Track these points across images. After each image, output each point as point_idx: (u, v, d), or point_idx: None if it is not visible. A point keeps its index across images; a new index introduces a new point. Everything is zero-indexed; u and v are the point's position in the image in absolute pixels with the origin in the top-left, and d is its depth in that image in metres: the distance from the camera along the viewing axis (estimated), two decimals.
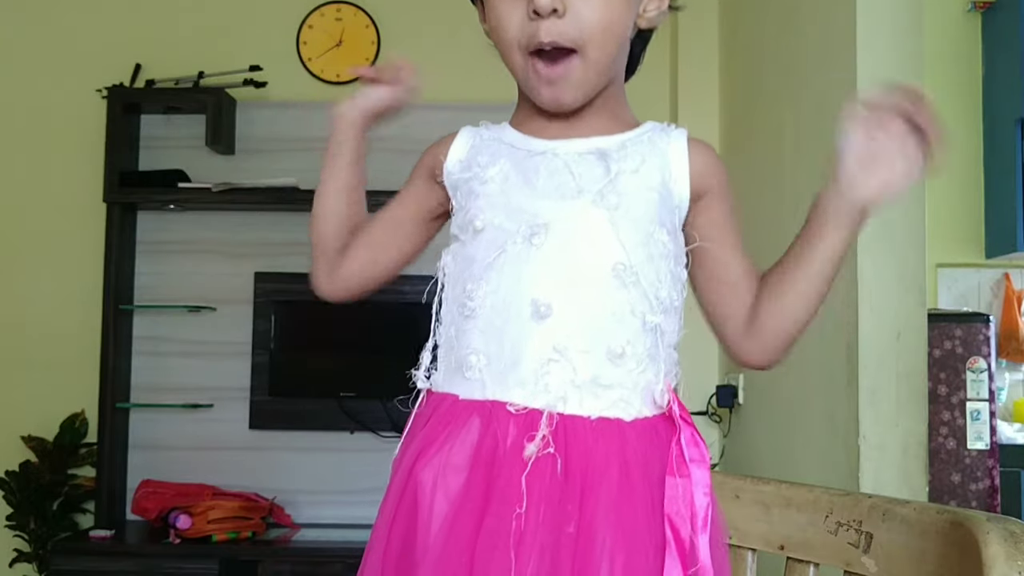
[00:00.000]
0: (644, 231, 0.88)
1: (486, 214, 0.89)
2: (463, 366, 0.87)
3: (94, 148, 3.30)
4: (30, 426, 3.25)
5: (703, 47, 3.29)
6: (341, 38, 3.44)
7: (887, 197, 0.88)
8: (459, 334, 0.89)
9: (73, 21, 3.45)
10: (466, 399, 0.86)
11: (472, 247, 0.90)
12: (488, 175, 0.91)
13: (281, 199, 3.21)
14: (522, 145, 0.92)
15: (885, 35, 1.96)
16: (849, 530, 0.99)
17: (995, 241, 3.47)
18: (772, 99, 2.65)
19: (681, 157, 0.91)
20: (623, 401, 0.85)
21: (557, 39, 0.86)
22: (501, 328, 0.86)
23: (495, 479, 0.81)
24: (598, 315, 0.86)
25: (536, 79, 0.89)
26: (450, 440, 0.84)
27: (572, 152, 0.90)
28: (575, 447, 0.82)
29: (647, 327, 0.87)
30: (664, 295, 0.88)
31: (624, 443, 0.84)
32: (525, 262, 0.86)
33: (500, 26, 0.89)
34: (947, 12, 3.55)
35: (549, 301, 0.85)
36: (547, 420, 0.82)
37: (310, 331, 3.37)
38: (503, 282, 0.87)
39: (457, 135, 0.98)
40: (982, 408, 2.53)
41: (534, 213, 0.87)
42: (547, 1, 0.84)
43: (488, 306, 0.87)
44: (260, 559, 2.94)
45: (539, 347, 0.85)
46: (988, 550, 0.80)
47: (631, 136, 0.92)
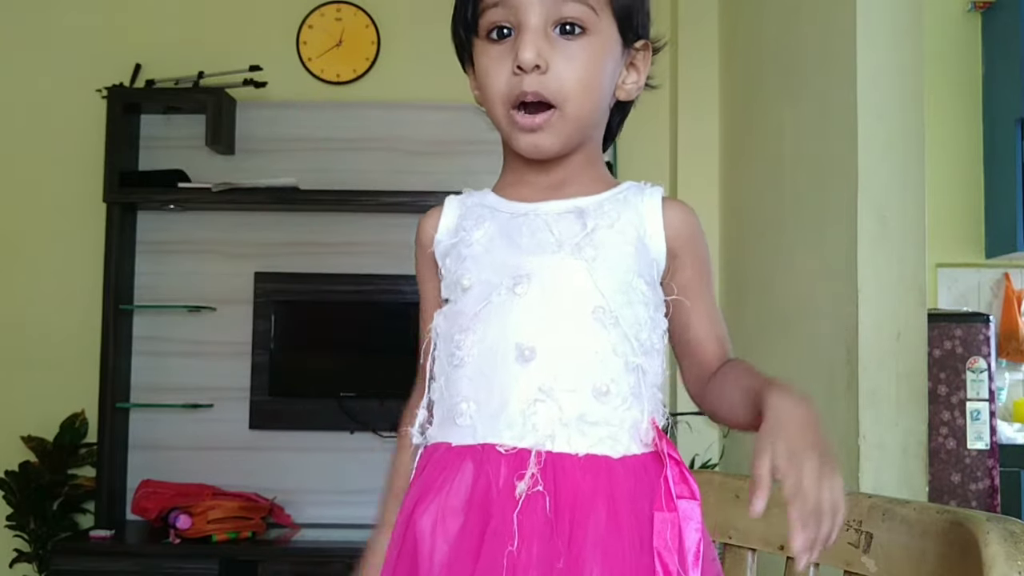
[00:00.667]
0: (622, 279, 0.92)
1: (472, 273, 0.94)
2: (454, 414, 0.91)
3: (94, 148, 3.30)
4: (30, 426, 3.25)
5: (703, 47, 3.29)
6: (341, 38, 3.44)
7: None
8: (449, 384, 0.93)
9: (73, 21, 3.45)
10: (458, 445, 0.90)
11: (460, 303, 0.94)
12: (474, 238, 0.96)
13: (281, 199, 3.21)
14: (505, 208, 0.97)
15: (885, 35, 1.96)
16: (849, 530, 0.99)
17: (995, 241, 3.47)
18: (772, 99, 2.65)
19: (655, 215, 0.95)
20: (610, 438, 0.88)
21: (539, 90, 0.91)
22: (489, 374, 0.90)
23: (489, 518, 0.84)
24: (581, 355, 0.89)
25: (517, 128, 0.93)
26: (446, 484, 0.88)
27: (552, 212, 0.95)
28: (564, 484, 0.85)
29: (629, 367, 0.90)
30: (644, 337, 0.92)
31: (611, 479, 0.86)
32: (509, 310, 0.91)
33: (487, 82, 0.94)
34: (947, 12, 3.55)
35: (533, 344, 0.89)
36: (535, 458, 0.85)
37: (310, 331, 3.38)
38: (489, 331, 0.91)
39: (444, 208, 1.02)
40: (982, 408, 2.53)
41: (517, 266, 0.92)
42: (530, 57, 0.90)
43: (476, 354, 0.91)
44: (260, 559, 2.94)
45: (525, 389, 0.88)
46: (988, 550, 0.80)
47: (608, 196, 0.97)
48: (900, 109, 1.96)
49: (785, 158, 2.50)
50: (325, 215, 3.35)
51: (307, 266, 3.34)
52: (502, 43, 0.93)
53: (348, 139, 3.38)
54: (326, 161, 3.35)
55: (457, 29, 0.99)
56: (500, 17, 0.93)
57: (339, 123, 3.39)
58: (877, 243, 1.92)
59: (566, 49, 0.92)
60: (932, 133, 2.23)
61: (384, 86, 3.44)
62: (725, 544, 1.17)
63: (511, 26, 0.93)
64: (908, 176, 1.94)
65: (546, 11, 0.91)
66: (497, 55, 0.94)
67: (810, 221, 2.27)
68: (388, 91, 3.43)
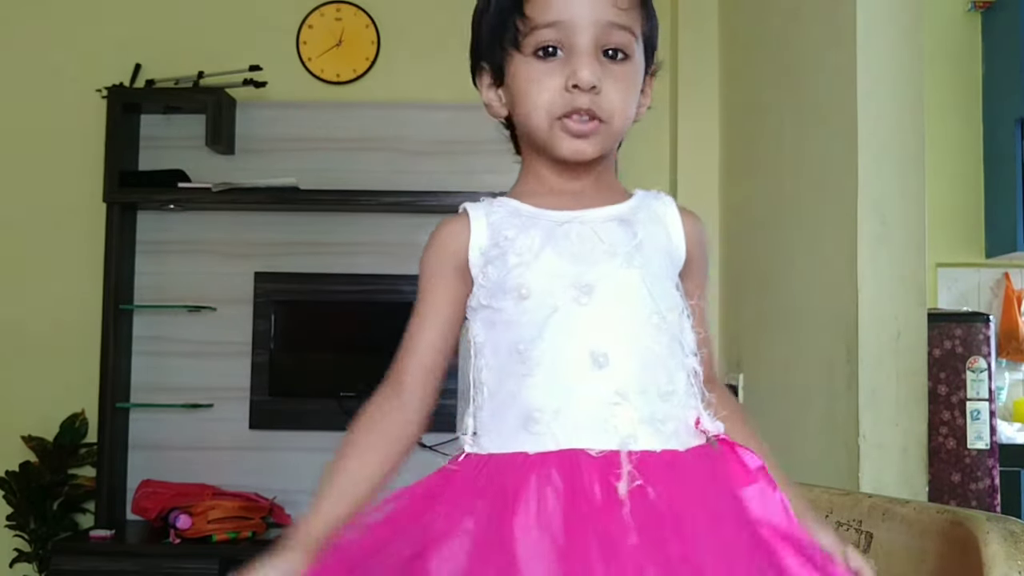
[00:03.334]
0: (664, 287, 0.99)
1: (529, 281, 0.96)
2: (527, 423, 0.93)
3: (94, 148, 3.30)
4: (30, 426, 3.24)
5: (703, 47, 3.29)
6: (341, 38, 3.44)
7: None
8: (515, 394, 0.94)
9: (73, 21, 3.45)
10: (536, 452, 0.91)
11: (515, 312, 0.96)
12: (522, 246, 0.98)
13: (281, 199, 3.21)
14: (543, 216, 1.00)
15: (885, 35, 1.96)
16: (849, 530, 0.99)
17: (995, 241, 3.47)
18: (772, 99, 2.65)
19: (676, 223, 1.03)
20: (676, 434, 0.94)
21: (592, 108, 0.97)
22: (564, 382, 0.93)
23: (596, 522, 0.85)
24: (647, 360, 0.95)
25: (564, 133, 0.98)
26: (538, 492, 0.87)
27: (596, 220, 1.00)
28: (655, 478, 0.89)
29: (683, 367, 0.97)
30: (688, 339, 0.99)
31: (690, 469, 0.92)
32: (577, 319, 0.95)
33: (535, 95, 0.98)
34: (947, 12, 3.55)
35: (605, 351, 0.93)
36: (627, 457, 0.89)
37: (310, 331, 3.38)
38: (558, 339, 0.94)
39: (471, 217, 1.02)
40: (982, 408, 2.53)
41: (577, 275, 0.96)
42: (590, 77, 0.96)
43: (547, 363, 0.94)
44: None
45: (603, 393, 0.93)
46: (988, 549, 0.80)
47: (635, 203, 1.03)
48: (900, 109, 1.96)
49: (785, 158, 2.50)
50: (325, 215, 3.35)
51: (307, 266, 3.34)
52: (549, 61, 0.98)
53: (348, 139, 3.38)
54: (326, 161, 3.35)
55: (495, 44, 1.02)
56: (551, 37, 0.97)
57: (339, 123, 3.39)
58: (877, 243, 1.92)
59: (614, 73, 0.98)
60: (932, 133, 2.22)
61: (384, 86, 3.44)
62: None
63: (560, 46, 0.97)
64: (908, 176, 1.94)
65: (597, 36, 0.97)
66: (547, 71, 0.98)
67: (810, 221, 2.27)
68: (388, 91, 3.43)
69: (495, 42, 1.02)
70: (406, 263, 3.36)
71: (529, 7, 0.98)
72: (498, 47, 1.01)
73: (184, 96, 3.25)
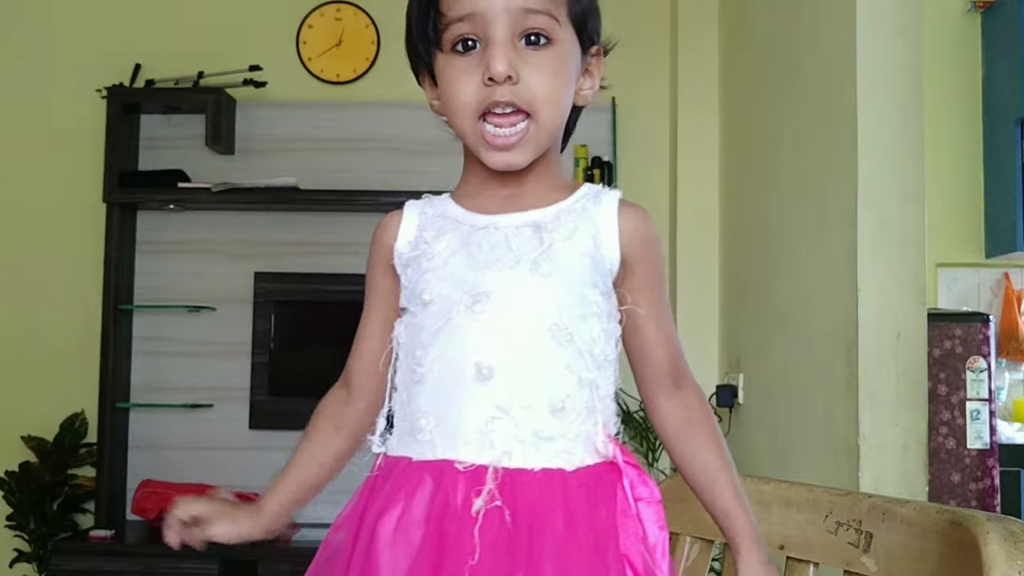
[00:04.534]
0: (577, 293, 0.94)
1: (433, 287, 0.95)
2: (415, 430, 0.93)
3: (94, 148, 3.30)
4: (30, 426, 3.25)
5: (703, 47, 3.29)
6: (341, 38, 3.44)
7: None
8: (410, 399, 0.95)
9: (73, 21, 3.45)
10: (418, 460, 0.92)
11: (421, 317, 0.96)
12: (435, 251, 0.97)
13: (281, 199, 3.21)
14: (466, 220, 0.98)
15: (885, 35, 1.96)
16: (849, 530, 0.99)
17: (995, 241, 3.47)
18: (772, 99, 2.65)
19: (611, 222, 0.96)
20: (565, 452, 0.91)
21: (512, 99, 0.93)
22: (448, 391, 0.92)
23: (447, 533, 0.86)
24: (537, 373, 0.92)
25: (487, 146, 0.95)
26: (407, 499, 0.90)
27: (511, 226, 0.96)
28: (521, 498, 0.87)
29: (584, 382, 0.93)
30: (598, 351, 0.94)
31: (566, 491, 0.89)
32: (468, 328, 0.92)
33: (454, 93, 0.95)
34: (947, 12, 3.55)
35: (491, 363, 0.91)
36: (492, 475, 0.88)
37: (310, 331, 3.38)
38: (449, 348, 0.93)
39: (403, 214, 1.02)
40: (982, 408, 2.53)
41: (476, 283, 0.93)
42: (503, 69, 0.91)
43: (436, 371, 0.93)
44: (260, 559, 2.94)
45: (483, 407, 0.90)
46: (988, 550, 0.80)
47: (565, 205, 0.98)
48: (900, 109, 1.96)
49: (785, 158, 2.50)
50: (325, 215, 3.35)
51: (307, 266, 3.34)
52: (468, 55, 0.94)
53: (348, 139, 3.38)
54: (326, 161, 3.35)
55: (415, 43, 0.99)
56: (466, 30, 0.94)
57: (339, 123, 3.39)
58: (877, 243, 1.92)
59: (534, 59, 0.94)
60: (932, 133, 2.22)
61: (384, 86, 3.44)
62: (725, 544, 1.17)
63: (477, 38, 0.94)
64: (908, 176, 1.94)
65: (512, 23, 0.93)
66: (464, 67, 0.94)
67: (810, 221, 2.27)
68: (388, 91, 3.43)
69: (417, 40, 0.99)
70: None
71: (443, 2, 0.95)
72: (420, 45, 0.99)
73: (184, 96, 3.25)
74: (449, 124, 1.00)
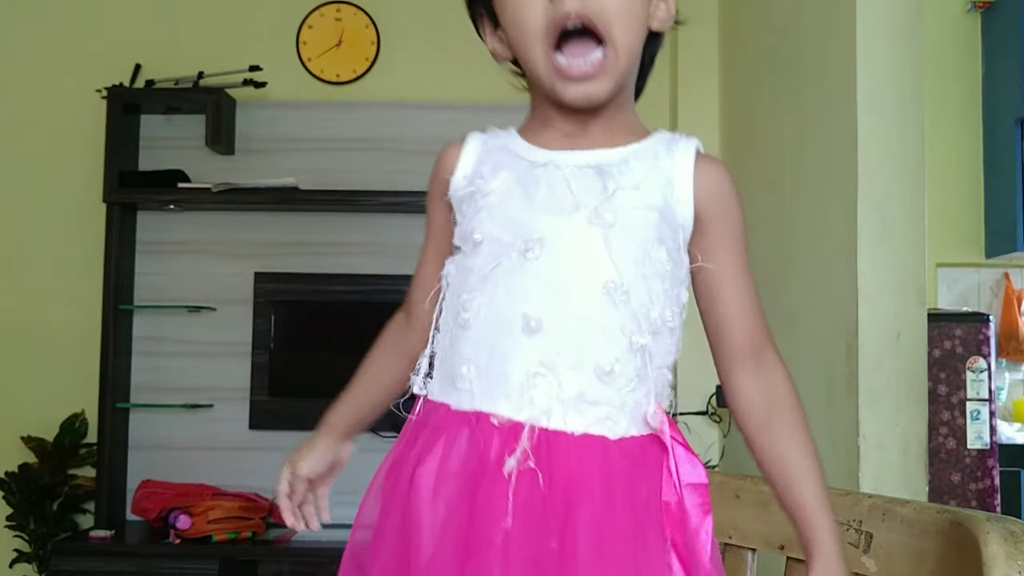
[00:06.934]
0: (640, 249, 0.87)
1: (485, 227, 0.90)
2: (455, 376, 0.89)
3: (94, 148, 3.30)
4: (30, 426, 3.24)
5: (703, 47, 3.29)
6: (341, 38, 3.44)
7: None
8: (453, 343, 0.90)
9: (73, 21, 3.45)
10: (456, 409, 0.88)
11: (471, 258, 0.90)
12: (490, 187, 0.91)
13: (281, 199, 3.21)
14: (526, 155, 0.92)
15: (885, 35, 1.96)
16: (849, 530, 0.99)
17: (995, 241, 3.47)
18: (772, 100, 2.65)
19: (686, 175, 0.89)
20: (609, 419, 0.85)
21: (582, 10, 0.85)
22: (492, 340, 0.87)
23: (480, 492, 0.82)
24: (587, 332, 0.86)
25: (562, 77, 0.88)
26: (445, 448, 0.86)
27: (573, 165, 0.89)
28: (557, 462, 0.82)
29: (634, 347, 0.86)
30: (656, 315, 0.87)
31: (607, 460, 0.84)
32: (519, 276, 0.87)
33: (519, 17, 0.88)
34: (947, 12, 3.55)
35: (540, 316, 0.85)
36: (528, 434, 0.83)
37: (310, 331, 3.37)
38: (497, 295, 0.88)
39: (464, 146, 0.96)
40: (982, 408, 2.53)
41: (530, 227, 0.87)
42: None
43: (481, 317, 0.88)
44: (260, 559, 2.94)
45: (527, 361, 0.85)
46: (988, 550, 0.80)
47: (636, 149, 0.91)
48: (900, 109, 1.96)
49: (785, 158, 2.50)
50: (325, 215, 3.35)
51: (307, 266, 3.34)
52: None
53: (348, 139, 3.38)
54: (326, 161, 3.35)
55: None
56: None
57: (339, 123, 3.39)
58: (877, 243, 1.92)
59: None
60: (932, 133, 2.22)
61: (384, 86, 3.44)
62: (725, 544, 1.17)
63: None
64: (908, 176, 1.94)
65: None
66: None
67: (810, 221, 2.27)
68: (388, 91, 3.43)
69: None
70: (406, 263, 3.35)
71: None
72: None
73: (184, 96, 3.25)
74: (517, 65, 0.93)
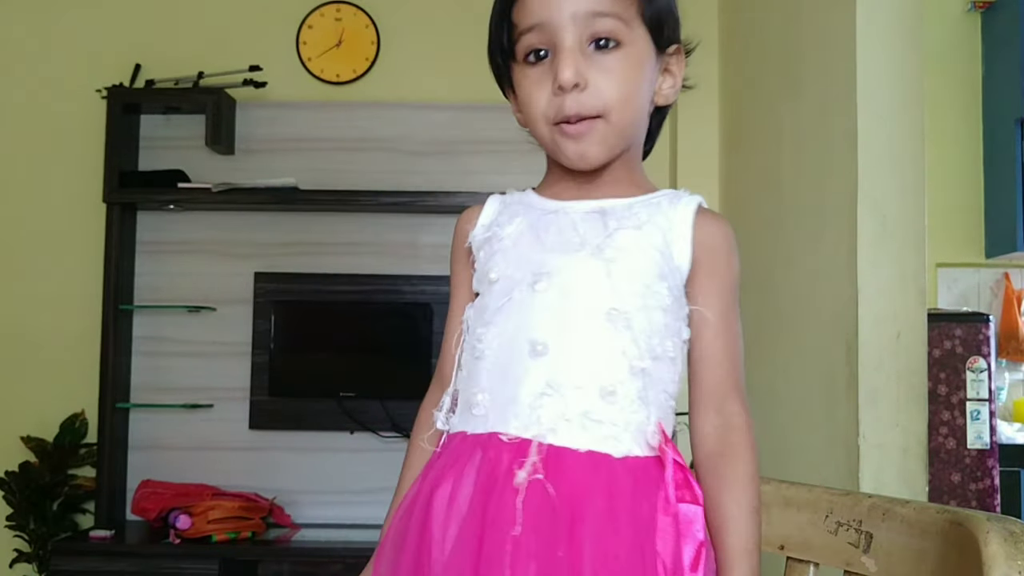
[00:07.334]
0: (641, 282, 0.94)
1: (500, 266, 0.98)
2: (471, 404, 0.95)
3: (94, 148, 3.30)
4: (30, 426, 3.25)
5: (703, 47, 3.28)
6: (341, 38, 3.44)
7: None
8: (470, 375, 0.97)
9: (73, 21, 3.45)
10: (472, 434, 0.94)
11: (487, 297, 0.98)
12: (505, 232, 1.00)
13: (281, 199, 3.21)
14: (538, 205, 1.01)
15: (885, 35, 1.96)
16: (849, 530, 0.99)
17: (995, 241, 3.47)
18: (772, 99, 2.65)
19: (685, 223, 0.97)
20: (613, 438, 0.90)
21: (580, 111, 0.94)
22: (504, 367, 0.94)
23: (491, 504, 0.87)
24: (591, 354, 0.92)
25: (562, 138, 0.96)
26: (460, 470, 0.91)
27: (580, 211, 0.98)
28: (564, 476, 0.88)
29: (635, 371, 0.92)
30: (656, 343, 0.93)
31: (611, 477, 0.89)
32: (528, 307, 0.94)
33: (529, 103, 0.98)
34: (947, 12, 3.55)
35: (546, 340, 0.92)
36: (536, 448, 0.89)
37: (310, 331, 3.37)
38: (508, 325, 0.95)
39: (485, 205, 1.06)
40: (982, 408, 2.53)
41: (540, 263, 0.95)
42: (569, 76, 0.93)
43: (495, 348, 0.95)
44: (260, 559, 2.94)
45: (535, 382, 0.91)
46: (988, 550, 0.80)
47: (641, 199, 0.99)
48: (900, 109, 1.96)
49: (785, 158, 2.50)
50: (325, 215, 3.35)
51: (307, 266, 3.34)
52: (540, 65, 0.97)
53: (348, 139, 3.38)
54: (326, 161, 3.35)
55: (495, 56, 1.02)
56: (536, 41, 0.96)
57: (339, 123, 3.39)
58: (877, 243, 1.92)
59: (603, 63, 0.95)
60: (932, 133, 2.23)
61: (384, 86, 3.44)
62: None
63: (548, 48, 0.95)
64: (908, 176, 1.94)
65: (579, 30, 0.94)
66: (537, 77, 0.97)
67: (810, 221, 2.27)
68: (388, 91, 3.43)
69: (495, 54, 1.02)
70: (406, 263, 3.37)
71: (515, 12, 0.97)
72: (499, 58, 1.01)
73: (184, 96, 3.25)
74: (530, 133, 1.02)
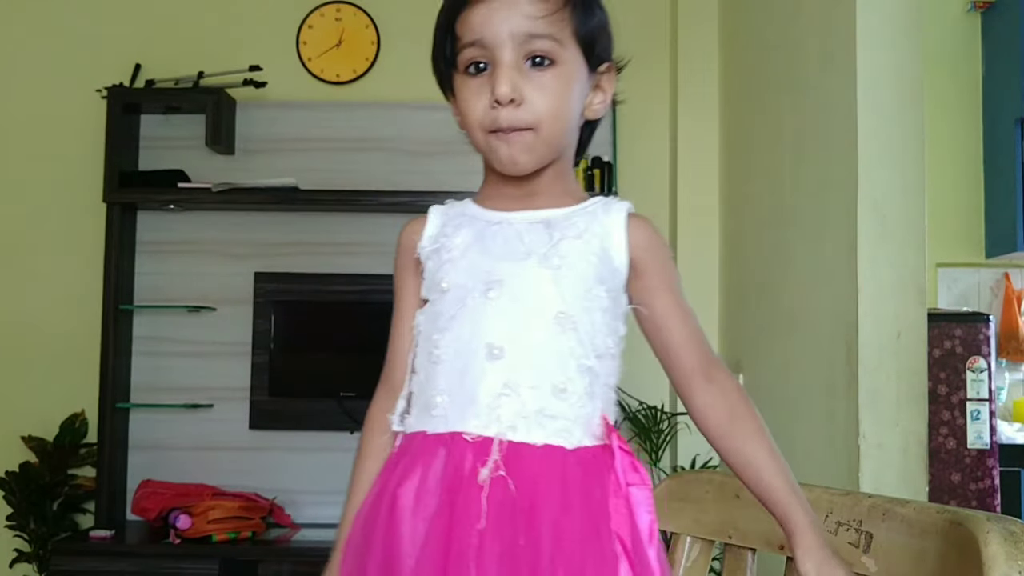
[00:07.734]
0: (583, 287, 1.01)
1: (451, 276, 1.04)
2: (430, 406, 1.01)
3: (94, 148, 3.30)
4: (30, 426, 3.25)
5: (703, 47, 3.29)
6: (341, 38, 3.44)
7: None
8: (427, 379, 1.03)
9: (73, 21, 3.45)
10: (433, 433, 0.99)
11: (439, 304, 1.04)
12: (453, 243, 1.06)
13: (281, 199, 3.21)
14: (482, 216, 1.07)
15: (885, 35, 1.96)
16: (849, 530, 0.99)
17: (995, 241, 3.47)
18: (772, 99, 2.65)
19: (619, 229, 1.04)
20: (565, 431, 0.97)
21: (514, 124, 1.01)
22: (461, 370, 1.00)
23: (457, 500, 0.94)
24: (543, 356, 0.99)
25: (497, 143, 1.02)
26: (424, 468, 0.97)
27: (524, 221, 1.05)
28: (523, 470, 0.95)
29: (582, 369, 1.00)
30: (600, 342, 1.01)
31: (565, 467, 0.96)
32: (482, 313, 1.00)
33: (467, 111, 1.03)
34: (947, 12, 3.55)
35: (502, 344, 0.99)
36: (498, 446, 0.95)
37: (310, 331, 3.38)
38: (463, 331, 1.01)
39: (428, 216, 1.12)
40: (982, 408, 2.53)
41: (490, 271, 1.02)
42: (505, 91, 0.99)
43: (452, 352, 1.01)
44: (260, 559, 2.94)
45: (493, 383, 0.98)
46: (988, 550, 0.80)
47: (577, 209, 1.06)
48: (900, 109, 1.96)
49: (785, 158, 2.50)
50: (325, 215, 3.35)
51: (307, 266, 3.34)
52: (479, 77, 1.03)
53: (348, 139, 3.38)
54: (326, 161, 3.35)
55: (438, 64, 1.08)
56: (476, 54, 1.02)
57: (339, 123, 3.39)
58: (877, 243, 1.92)
59: (538, 80, 1.01)
60: (932, 133, 2.23)
61: (384, 86, 3.44)
62: (725, 544, 1.18)
63: (487, 61, 1.02)
64: (908, 176, 1.94)
65: (517, 48, 1.00)
66: (476, 87, 1.03)
67: (810, 221, 2.27)
68: (388, 91, 3.43)
69: (438, 62, 1.07)
70: None
71: (458, 26, 1.03)
72: (443, 66, 1.07)
73: (184, 96, 3.25)
74: (467, 137, 1.09)
